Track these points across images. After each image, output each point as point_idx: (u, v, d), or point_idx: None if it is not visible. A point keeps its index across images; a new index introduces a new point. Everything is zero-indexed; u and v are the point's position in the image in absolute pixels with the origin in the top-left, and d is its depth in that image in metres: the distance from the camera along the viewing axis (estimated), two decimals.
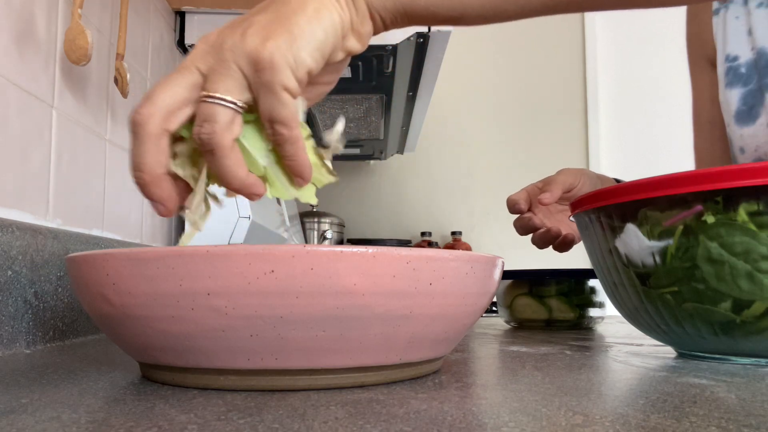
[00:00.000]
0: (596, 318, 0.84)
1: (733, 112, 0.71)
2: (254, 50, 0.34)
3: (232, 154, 0.35)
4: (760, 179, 0.38)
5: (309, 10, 0.36)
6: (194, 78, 0.35)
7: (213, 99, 0.34)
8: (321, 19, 0.36)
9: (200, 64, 0.35)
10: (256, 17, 0.36)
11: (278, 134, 0.35)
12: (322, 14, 0.36)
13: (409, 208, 2.24)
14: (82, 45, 0.59)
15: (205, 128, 0.34)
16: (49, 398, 0.30)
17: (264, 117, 0.35)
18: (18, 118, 0.56)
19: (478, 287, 0.35)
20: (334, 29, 0.37)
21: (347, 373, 0.33)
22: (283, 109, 0.35)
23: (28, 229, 0.53)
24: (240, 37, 0.34)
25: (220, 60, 0.35)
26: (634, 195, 0.44)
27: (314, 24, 0.36)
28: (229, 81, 0.34)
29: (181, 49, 1.04)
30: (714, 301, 0.41)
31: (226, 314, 0.29)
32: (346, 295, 0.29)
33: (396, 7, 0.40)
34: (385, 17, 0.40)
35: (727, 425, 0.25)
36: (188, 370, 0.32)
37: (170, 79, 0.35)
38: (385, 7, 0.39)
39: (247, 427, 0.24)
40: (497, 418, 0.26)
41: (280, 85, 0.34)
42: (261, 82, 0.34)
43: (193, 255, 0.29)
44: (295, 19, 0.35)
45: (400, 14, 0.40)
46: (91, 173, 0.71)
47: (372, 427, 0.24)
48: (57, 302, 0.57)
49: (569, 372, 0.40)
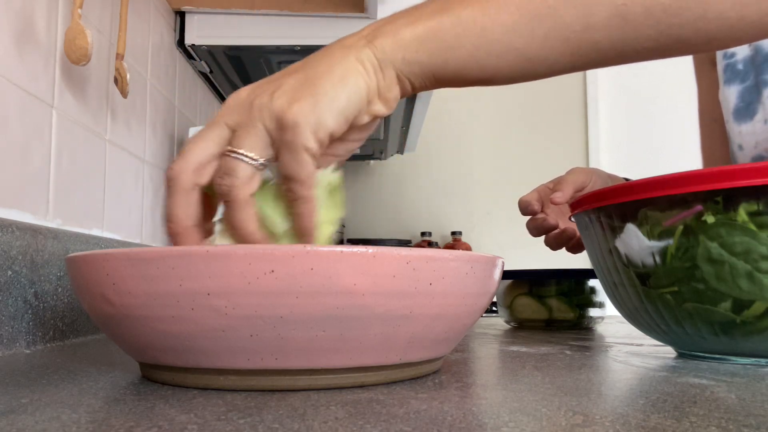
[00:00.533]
0: (596, 318, 0.84)
1: (732, 109, 0.71)
2: (280, 111, 0.36)
3: (247, 208, 0.37)
4: (760, 179, 0.38)
5: (335, 76, 0.38)
6: (223, 133, 0.37)
7: (236, 154, 0.36)
8: (346, 84, 0.37)
9: (229, 119, 0.37)
10: (287, 79, 0.38)
11: (293, 191, 0.37)
12: (347, 80, 0.38)
13: (409, 208, 2.24)
14: (82, 45, 0.59)
15: (226, 181, 0.36)
16: (49, 398, 0.30)
17: (282, 174, 0.37)
18: (18, 118, 0.56)
19: (478, 287, 0.35)
20: (358, 95, 0.38)
21: (347, 373, 0.33)
22: (301, 168, 0.37)
23: (28, 229, 0.53)
24: (268, 98, 0.37)
25: (248, 118, 0.37)
26: (634, 195, 0.44)
27: (339, 89, 0.37)
28: (254, 138, 0.36)
29: (181, 49, 1.04)
30: (714, 301, 0.41)
31: (226, 314, 0.29)
32: (346, 295, 0.29)
33: (425, 73, 0.40)
34: (414, 82, 0.41)
35: (727, 425, 0.25)
36: (188, 370, 0.32)
37: (201, 135, 0.38)
38: (414, 72, 0.40)
39: (247, 427, 0.24)
40: (497, 418, 0.26)
41: (301, 145, 0.36)
42: (283, 141, 0.36)
43: (193, 255, 0.29)
44: (321, 83, 0.37)
45: (429, 79, 0.41)
46: (91, 173, 0.71)
47: (372, 427, 0.24)
48: (57, 302, 0.57)
49: (569, 372, 0.40)
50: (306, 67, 0.39)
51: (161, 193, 0.95)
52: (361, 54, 0.39)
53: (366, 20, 1.00)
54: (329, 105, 0.37)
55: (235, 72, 1.17)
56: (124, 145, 0.80)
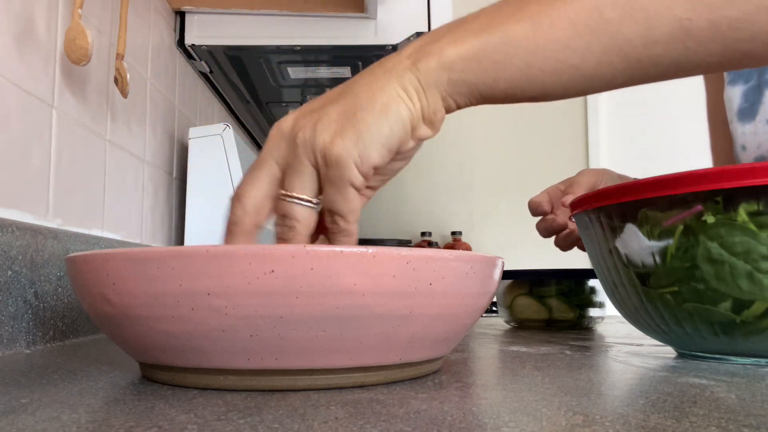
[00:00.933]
0: (596, 318, 0.84)
1: (735, 109, 0.70)
2: (324, 147, 0.36)
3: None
4: (760, 179, 0.38)
5: (377, 106, 0.37)
6: (273, 172, 0.38)
7: (292, 199, 0.37)
8: (388, 115, 0.37)
9: (277, 156, 0.38)
10: (329, 109, 0.37)
11: (336, 225, 0.37)
12: (389, 109, 0.37)
13: (409, 208, 2.24)
14: (82, 45, 0.59)
15: (287, 223, 0.37)
16: (49, 398, 0.30)
17: (326, 206, 0.38)
18: (18, 118, 0.56)
19: (478, 287, 0.35)
20: (402, 125, 0.37)
21: (347, 373, 0.33)
22: (345, 203, 0.37)
23: (28, 229, 0.53)
24: (311, 132, 0.36)
25: (293, 155, 0.37)
26: (634, 195, 0.44)
27: (381, 120, 0.36)
28: (304, 178, 0.37)
29: (181, 49, 1.04)
30: (714, 301, 0.41)
31: (226, 314, 0.29)
32: (346, 295, 0.29)
33: (472, 92, 0.39)
34: (459, 101, 0.39)
35: (727, 425, 0.25)
36: (188, 370, 0.32)
37: (253, 176, 0.38)
38: (460, 92, 0.38)
39: (247, 427, 0.24)
40: (497, 418, 0.26)
41: (346, 180, 0.36)
42: (328, 177, 0.36)
43: (193, 255, 0.29)
44: (363, 115, 0.36)
45: (476, 97, 0.39)
46: (91, 173, 0.71)
47: (372, 427, 0.24)
48: (57, 302, 0.57)
49: (569, 372, 0.40)
50: (347, 94, 0.38)
51: (161, 193, 0.95)
52: (403, 79, 0.38)
53: (366, 20, 1.00)
54: (372, 138, 0.36)
55: (235, 72, 1.17)
56: (124, 145, 0.80)
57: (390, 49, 1.04)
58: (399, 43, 1.02)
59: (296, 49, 1.05)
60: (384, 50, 1.05)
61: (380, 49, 1.04)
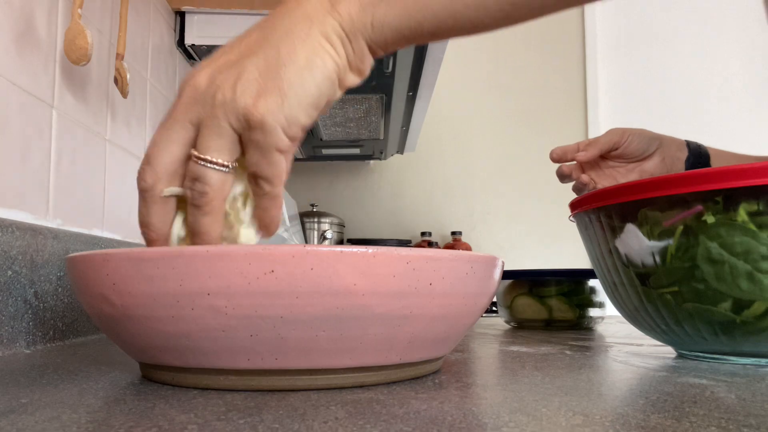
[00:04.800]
0: (596, 318, 0.84)
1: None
2: (245, 109, 0.33)
3: (216, 215, 0.35)
4: (760, 179, 0.38)
5: (300, 60, 0.34)
6: (187, 134, 0.35)
7: (203, 162, 0.34)
8: (313, 70, 0.34)
9: (191, 115, 0.35)
10: (246, 63, 0.34)
11: (260, 188, 0.36)
12: (314, 64, 0.35)
13: (409, 208, 2.24)
14: (82, 45, 0.59)
15: (197, 187, 0.35)
16: (49, 398, 0.30)
17: (250, 170, 0.36)
18: (18, 118, 0.56)
19: (478, 287, 0.35)
20: (329, 80, 0.35)
21: (347, 373, 0.33)
22: (270, 168, 0.35)
23: (28, 229, 0.53)
24: (231, 92, 0.34)
25: (210, 115, 0.34)
26: (634, 195, 0.44)
27: (307, 78, 0.34)
28: (221, 140, 0.34)
29: (181, 50, 1.04)
30: (714, 301, 0.41)
31: (226, 314, 0.29)
32: (346, 295, 0.29)
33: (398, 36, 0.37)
34: (387, 46, 0.38)
35: (727, 425, 0.25)
36: (188, 370, 0.32)
37: (164, 136, 0.35)
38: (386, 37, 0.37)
39: (247, 427, 0.24)
40: (497, 418, 0.26)
41: (272, 145, 0.34)
42: (251, 140, 0.34)
43: (193, 255, 0.29)
44: (286, 72, 0.34)
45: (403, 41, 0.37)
46: (91, 173, 0.71)
47: (372, 427, 0.24)
48: (57, 302, 0.57)
49: (569, 372, 0.40)
50: (266, 45, 0.35)
51: None
52: (325, 25, 0.35)
53: None
54: (299, 99, 0.34)
55: None
56: (124, 145, 0.80)
57: None
58: None
59: None
60: None
61: None
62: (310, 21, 0.35)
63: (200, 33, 1.03)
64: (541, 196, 2.14)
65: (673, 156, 0.73)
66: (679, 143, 0.75)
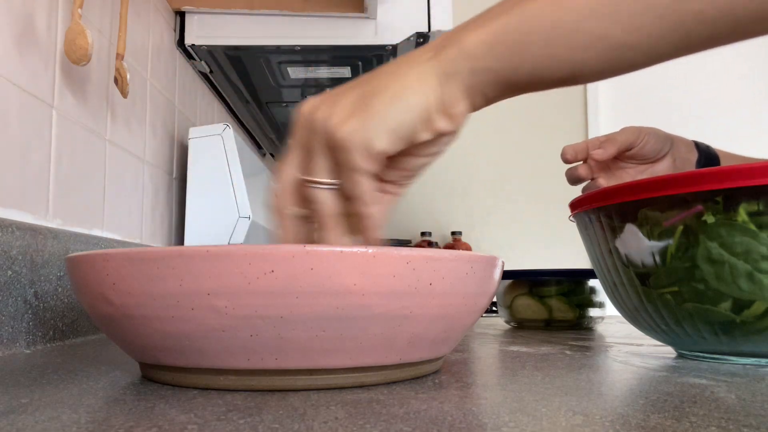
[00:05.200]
0: (596, 318, 0.84)
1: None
2: (331, 131, 0.36)
3: (335, 229, 0.38)
4: (760, 179, 0.38)
5: (390, 92, 0.36)
6: (299, 156, 0.38)
7: (312, 184, 0.37)
8: (400, 101, 0.36)
9: (300, 139, 0.38)
10: (347, 94, 0.37)
11: (354, 207, 0.38)
12: (403, 96, 0.36)
13: (409, 208, 2.24)
14: (82, 45, 0.59)
15: (311, 207, 0.38)
16: (49, 398, 0.30)
17: (342, 190, 0.38)
18: (18, 118, 0.56)
19: (478, 287, 0.35)
20: (412, 113, 0.36)
21: (347, 373, 0.33)
22: (354, 187, 0.37)
23: (28, 229, 0.53)
24: (327, 115, 0.37)
25: (311, 140, 0.37)
26: (634, 195, 0.44)
27: (391, 106, 0.36)
28: (320, 162, 0.37)
29: (181, 49, 1.04)
30: (714, 301, 0.41)
31: (226, 314, 0.29)
32: (346, 295, 0.29)
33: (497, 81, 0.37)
34: (487, 92, 0.37)
35: (727, 425, 0.25)
36: (188, 370, 0.32)
37: (285, 160, 0.39)
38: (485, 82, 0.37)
39: (247, 427, 0.24)
40: (497, 418, 0.26)
41: (351, 165, 0.36)
42: (336, 160, 0.37)
43: (193, 255, 0.29)
44: (374, 100, 0.36)
45: (503, 87, 0.37)
46: (91, 173, 0.71)
47: (372, 427, 0.24)
48: (57, 302, 0.57)
49: (569, 372, 0.40)
50: (368, 82, 0.38)
51: (161, 193, 0.95)
52: (424, 68, 0.37)
53: (366, 20, 1.00)
54: (378, 125, 0.36)
55: (235, 72, 1.17)
56: (124, 145, 0.80)
57: (390, 49, 1.04)
58: (399, 43, 1.02)
59: (296, 49, 1.05)
60: (384, 50, 1.05)
61: (380, 49, 1.04)
62: (411, 63, 0.38)
63: (200, 33, 1.03)
64: (541, 196, 2.14)
65: (683, 158, 0.71)
66: (688, 144, 0.74)
